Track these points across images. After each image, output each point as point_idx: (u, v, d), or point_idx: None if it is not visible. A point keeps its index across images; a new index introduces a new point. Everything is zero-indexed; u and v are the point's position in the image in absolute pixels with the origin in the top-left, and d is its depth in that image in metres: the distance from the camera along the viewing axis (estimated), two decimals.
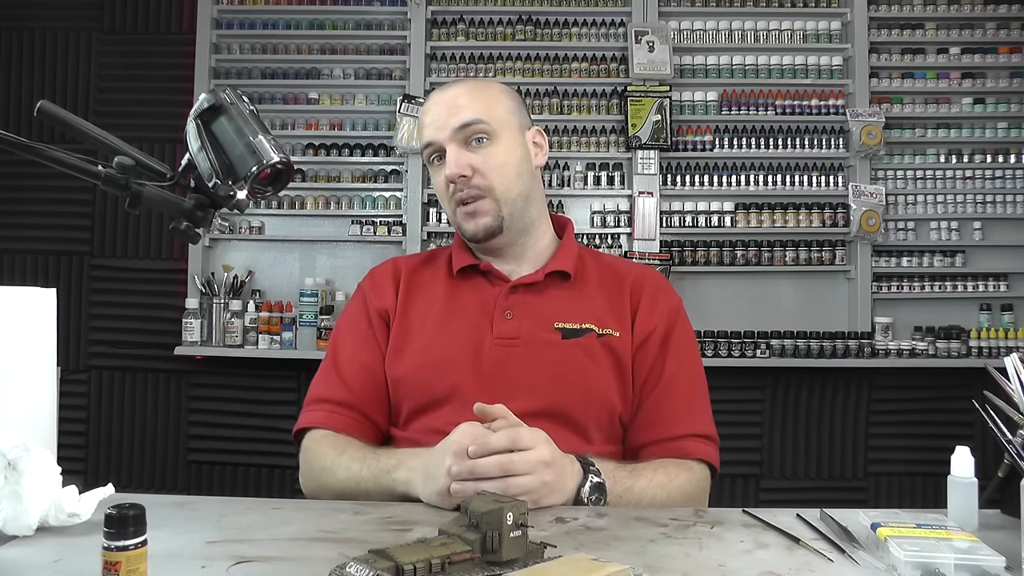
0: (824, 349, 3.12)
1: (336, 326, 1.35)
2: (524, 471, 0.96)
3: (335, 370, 1.25)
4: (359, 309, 1.30)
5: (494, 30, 3.37)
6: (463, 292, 1.26)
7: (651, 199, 3.27)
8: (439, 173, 1.24)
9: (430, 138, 1.24)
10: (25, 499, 0.85)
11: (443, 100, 1.25)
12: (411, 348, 1.22)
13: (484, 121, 1.22)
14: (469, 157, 1.21)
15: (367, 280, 1.33)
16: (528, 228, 1.28)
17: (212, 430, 3.28)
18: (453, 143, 1.21)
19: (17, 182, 3.28)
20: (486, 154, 1.22)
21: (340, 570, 0.70)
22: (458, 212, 1.24)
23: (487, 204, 1.22)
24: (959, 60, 3.36)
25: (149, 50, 3.38)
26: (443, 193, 1.26)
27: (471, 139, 1.22)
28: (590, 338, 1.20)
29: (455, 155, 1.20)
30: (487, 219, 1.22)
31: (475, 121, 1.21)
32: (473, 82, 1.30)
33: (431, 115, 1.24)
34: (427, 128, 1.25)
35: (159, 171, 0.90)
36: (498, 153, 1.22)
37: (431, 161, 1.27)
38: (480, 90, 1.26)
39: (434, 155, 1.25)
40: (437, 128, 1.23)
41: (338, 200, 3.34)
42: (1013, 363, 0.97)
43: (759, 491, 3.24)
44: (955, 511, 0.93)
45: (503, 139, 1.24)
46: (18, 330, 0.96)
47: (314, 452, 1.17)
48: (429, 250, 1.41)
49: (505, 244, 1.26)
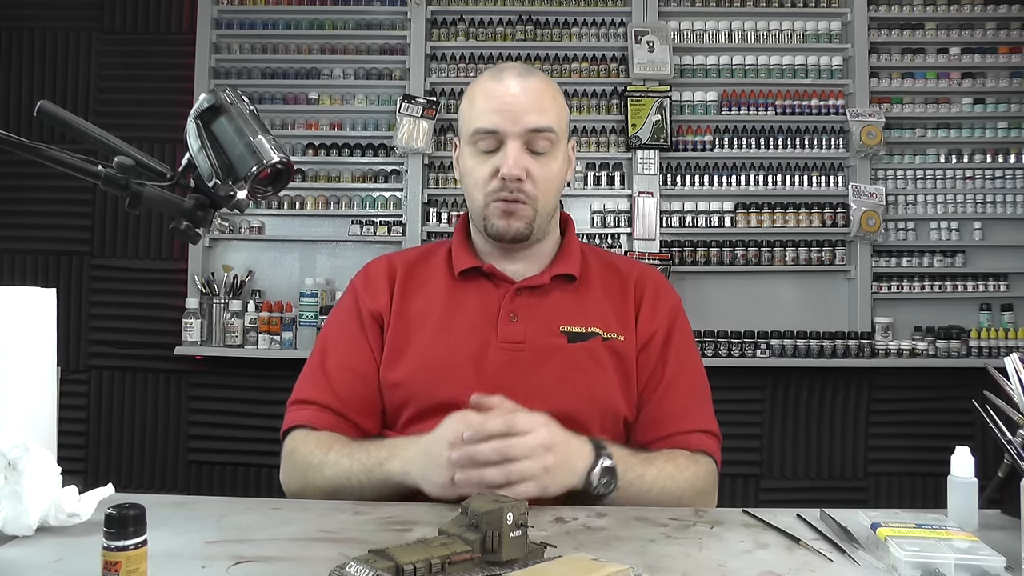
0: (824, 349, 3.12)
1: (326, 324, 1.30)
2: (523, 455, 0.95)
3: (323, 373, 1.21)
4: (350, 308, 1.25)
5: (494, 30, 3.37)
6: (465, 294, 1.23)
7: (651, 199, 3.26)
8: (485, 161, 1.18)
9: (496, 126, 1.16)
10: (25, 499, 0.85)
11: (522, 91, 1.17)
12: (411, 351, 1.19)
13: (555, 132, 1.18)
14: (528, 161, 1.16)
15: (360, 277, 1.29)
16: (544, 233, 1.25)
17: (212, 430, 3.28)
18: (519, 141, 1.16)
19: (17, 182, 3.28)
20: (544, 165, 1.18)
21: (340, 570, 0.70)
22: (492, 207, 1.18)
23: (526, 210, 1.18)
24: (959, 60, 3.36)
25: (149, 50, 3.38)
26: (481, 183, 1.19)
27: (534, 145, 1.17)
28: (595, 342, 1.19)
29: (518, 155, 1.15)
30: (521, 224, 1.18)
31: (549, 129, 1.17)
32: (545, 79, 1.21)
33: (502, 101, 1.17)
34: (491, 112, 1.17)
35: (159, 171, 0.90)
36: (553, 167, 1.20)
37: (475, 143, 1.19)
38: (553, 93, 1.21)
39: (486, 142, 1.18)
40: (508, 119, 1.16)
41: (338, 200, 3.34)
42: (1013, 363, 0.97)
43: (759, 491, 3.24)
44: (955, 511, 0.93)
45: (559, 153, 1.21)
46: (18, 330, 0.96)
47: (299, 452, 1.14)
48: (425, 245, 1.36)
49: (521, 248, 1.24)
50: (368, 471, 1.06)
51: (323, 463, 1.10)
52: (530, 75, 1.20)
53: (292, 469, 1.15)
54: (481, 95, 1.20)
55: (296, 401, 1.21)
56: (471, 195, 1.22)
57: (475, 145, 1.19)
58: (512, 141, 1.16)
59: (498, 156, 1.17)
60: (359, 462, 1.07)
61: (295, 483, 1.15)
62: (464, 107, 1.24)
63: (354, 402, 1.19)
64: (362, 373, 1.21)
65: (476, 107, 1.19)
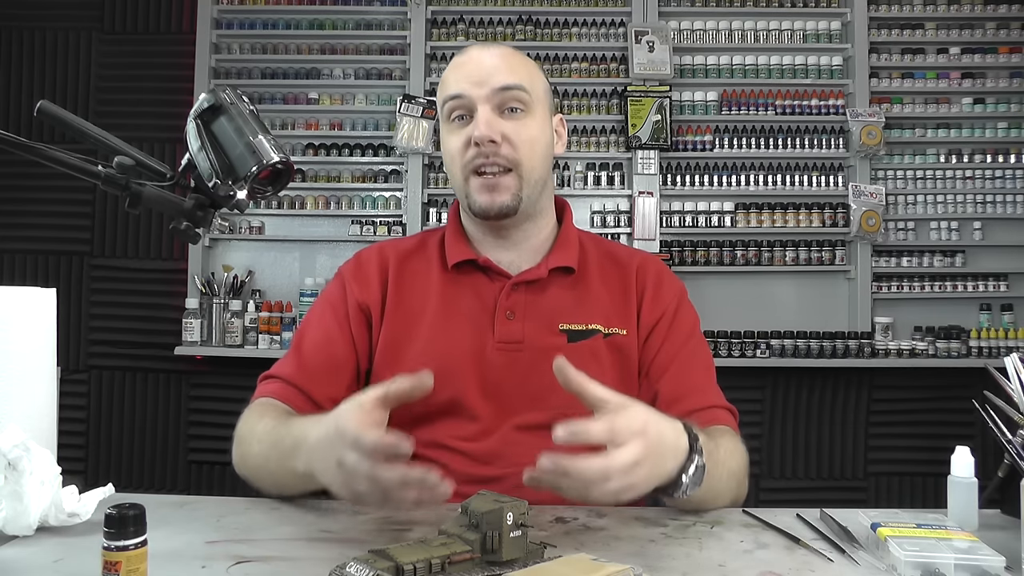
0: (824, 349, 3.12)
1: (311, 308, 1.24)
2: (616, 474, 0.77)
3: (297, 354, 1.17)
4: (337, 295, 1.20)
5: (494, 30, 3.37)
6: (460, 289, 1.17)
7: (651, 199, 3.26)
8: (457, 133, 1.13)
9: (461, 91, 1.11)
10: (25, 499, 0.85)
11: (486, 56, 1.14)
12: (409, 352, 1.14)
13: (526, 90, 1.12)
14: (502, 124, 1.11)
15: (351, 265, 1.23)
16: (536, 215, 1.19)
17: (212, 430, 3.28)
18: (488, 104, 1.11)
19: (17, 182, 3.28)
20: (519, 125, 1.12)
21: (340, 570, 0.70)
22: (472, 181, 1.12)
23: (509, 180, 1.12)
24: (959, 60, 3.36)
25: (149, 50, 3.38)
26: (457, 157, 1.13)
27: (506, 106, 1.12)
28: (596, 340, 1.14)
29: (488, 116, 1.10)
30: (505, 197, 1.12)
31: (517, 87, 1.12)
32: (513, 49, 1.18)
33: (467, 68, 1.13)
34: (458, 81, 1.12)
35: (159, 171, 0.90)
36: (531, 127, 1.13)
37: (450, 118, 1.14)
38: (523, 58, 1.17)
39: (457, 111, 1.13)
40: (473, 82, 1.11)
41: (338, 200, 3.34)
42: (1013, 363, 0.97)
43: (759, 491, 3.24)
44: (955, 511, 0.93)
45: (537, 115, 1.15)
46: (18, 330, 0.96)
47: (241, 421, 1.08)
48: (419, 234, 1.30)
49: (511, 226, 1.17)
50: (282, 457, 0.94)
51: (251, 436, 1.03)
52: (496, 45, 1.18)
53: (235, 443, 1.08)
54: (450, 69, 1.17)
55: (264, 377, 1.17)
56: (451, 172, 1.17)
57: (448, 119, 1.15)
58: (481, 105, 1.11)
59: (471, 125, 1.12)
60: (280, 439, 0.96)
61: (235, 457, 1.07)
62: (439, 90, 1.19)
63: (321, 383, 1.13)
64: (337, 358, 1.16)
65: (446, 81, 1.16)
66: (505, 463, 1.08)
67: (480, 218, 1.16)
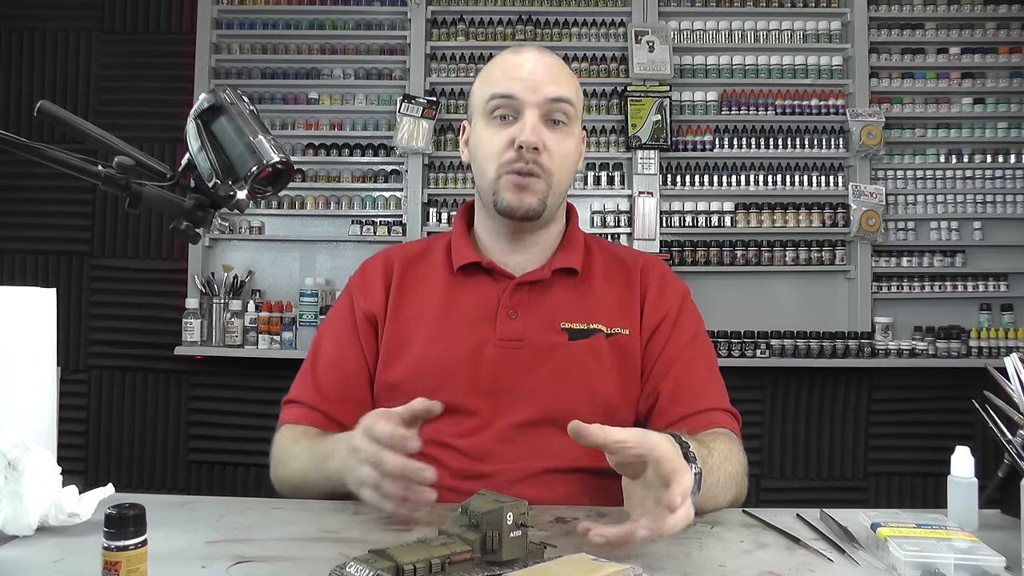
0: (824, 349, 3.12)
1: (321, 324, 1.28)
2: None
3: (312, 373, 1.20)
4: (345, 308, 1.23)
5: (494, 30, 3.37)
6: (463, 290, 1.19)
7: (651, 199, 3.26)
8: (499, 131, 1.15)
9: (514, 92, 1.13)
10: (25, 499, 0.85)
11: (541, 63, 1.16)
12: (407, 352, 1.16)
13: (572, 104, 1.16)
14: (545, 133, 1.13)
15: (357, 277, 1.26)
16: (551, 222, 1.22)
17: (212, 430, 3.28)
18: (537, 110, 1.13)
19: (17, 182, 3.28)
20: (560, 138, 1.15)
21: (340, 570, 0.70)
22: (504, 179, 1.14)
23: (540, 185, 1.14)
24: (959, 60, 3.36)
25: (149, 50, 3.38)
26: (495, 154, 1.14)
27: (551, 116, 1.14)
28: (598, 339, 1.15)
29: (536, 123, 1.12)
30: (533, 200, 1.14)
31: (566, 100, 1.14)
32: (559, 58, 1.20)
33: (521, 70, 1.15)
34: (511, 81, 1.14)
35: (159, 171, 0.90)
36: (570, 143, 1.17)
37: (492, 114, 1.16)
38: (570, 72, 1.20)
39: (502, 110, 1.15)
40: (527, 87, 1.13)
41: (338, 200, 3.34)
42: (1013, 363, 0.97)
43: (759, 491, 3.24)
44: (955, 511, 0.93)
45: (574, 131, 1.18)
46: (18, 330, 0.96)
47: (278, 446, 1.16)
48: (425, 239, 1.33)
49: (528, 230, 1.19)
50: (318, 466, 1.04)
51: (289, 456, 1.11)
52: (549, 53, 1.20)
53: (273, 463, 1.17)
54: (499, 66, 1.18)
55: (286, 401, 1.22)
56: (482, 168, 1.17)
57: (490, 115, 1.16)
58: (530, 110, 1.13)
59: (515, 127, 1.14)
60: (315, 456, 1.05)
61: (274, 477, 1.16)
62: (478, 83, 1.21)
63: (340, 402, 1.17)
64: (350, 373, 1.19)
65: (493, 76, 1.17)
66: (500, 459, 1.09)
67: (504, 216, 1.17)
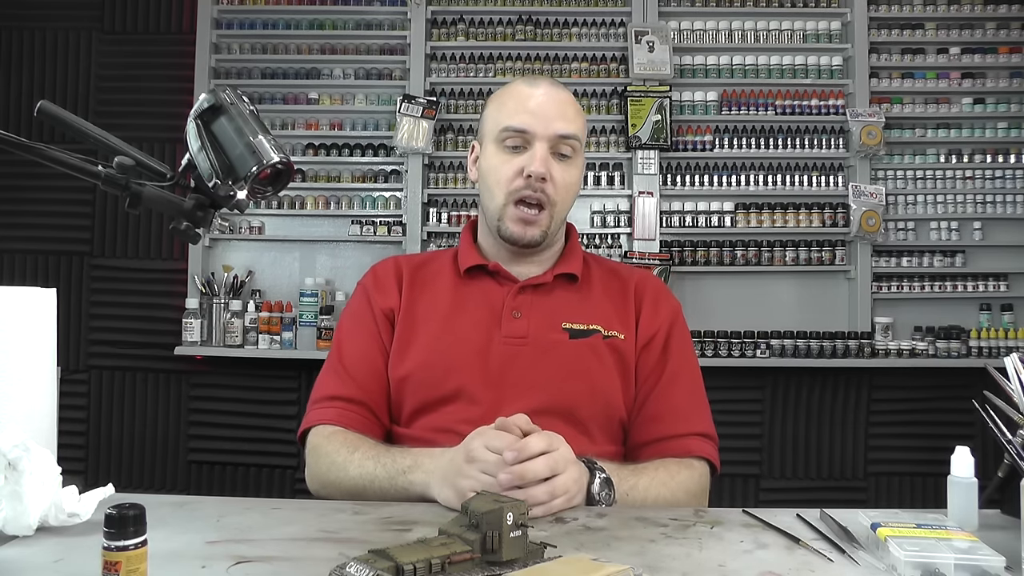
0: (824, 349, 3.12)
1: (339, 323, 1.33)
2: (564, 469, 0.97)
3: (343, 367, 1.24)
4: (363, 306, 1.29)
5: (494, 30, 3.37)
6: (470, 291, 1.27)
7: (651, 199, 3.26)
8: (510, 160, 1.22)
9: (527, 126, 1.21)
10: (25, 499, 0.85)
11: (552, 98, 1.23)
12: (416, 345, 1.22)
13: (579, 140, 1.24)
14: (552, 164, 1.21)
15: (369, 277, 1.32)
16: (553, 243, 1.30)
17: (212, 430, 3.28)
18: (546, 143, 1.21)
19: (17, 182, 3.28)
20: (565, 169, 1.23)
21: (340, 570, 0.70)
22: (511, 210, 1.22)
23: (544, 217, 1.22)
24: (959, 60, 3.36)
25: (149, 50, 3.38)
26: (504, 181, 1.22)
27: (559, 150, 1.22)
28: (596, 339, 1.22)
29: (545, 155, 1.20)
30: (537, 232, 1.22)
31: (574, 137, 1.23)
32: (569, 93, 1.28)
33: (533, 103, 1.22)
34: (524, 114, 1.21)
35: (159, 171, 0.90)
36: (574, 174, 1.25)
37: (503, 143, 1.23)
38: (578, 106, 1.28)
39: (513, 140, 1.22)
40: (540, 120, 1.21)
41: (338, 200, 3.34)
42: (1013, 363, 0.97)
43: (759, 491, 3.24)
44: (955, 511, 0.93)
45: (579, 163, 1.26)
46: (18, 330, 0.96)
47: (324, 449, 1.16)
48: (428, 252, 1.42)
49: (530, 252, 1.27)
50: (392, 478, 1.07)
51: (348, 462, 1.12)
52: (561, 87, 1.27)
53: (316, 466, 1.17)
54: (513, 97, 1.25)
55: (320, 399, 1.23)
56: (491, 193, 1.24)
57: (501, 144, 1.23)
58: (540, 142, 1.20)
59: (524, 156, 1.21)
60: (384, 467, 1.09)
61: (318, 480, 1.17)
62: (491, 110, 1.28)
63: (373, 391, 1.22)
64: (377, 366, 1.24)
65: (506, 107, 1.24)
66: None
67: (507, 243, 1.25)
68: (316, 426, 1.20)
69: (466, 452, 0.99)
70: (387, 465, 1.08)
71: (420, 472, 1.05)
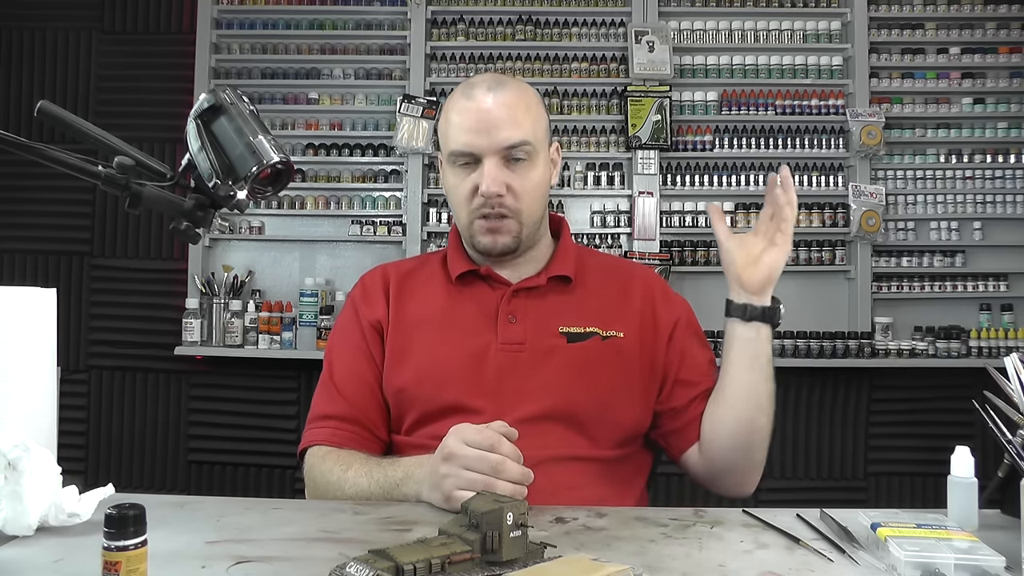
0: (824, 349, 3.12)
1: (329, 339, 1.33)
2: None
3: (333, 384, 1.23)
4: (351, 320, 1.27)
5: (494, 30, 3.37)
6: (463, 297, 1.24)
7: (651, 199, 3.26)
8: (464, 178, 1.18)
9: (468, 146, 1.16)
10: (25, 499, 0.85)
11: (496, 105, 1.16)
12: (412, 357, 1.20)
13: (532, 144, 1.17)
14: (507, 175, 1.16)
15: (357, 289, 1.31)
16: (534, 244, 1.26)
17: (212, 430, 3.28)
18: (495, 157, 1.15)
19: (17, 182, 3.28)
20: (523, 176, 1.18)
21: (340, 570, 0.70)
22: (476, 224, 1.19)
23: (511, 224, 1.18)
24: (959, 60, 3.36)
25: (149, 50, 3.38)
26: (463, 200, 1.19)
27: (512, 157, 1.17)
28: (595, 341, 1.20)
29: (495, 172, 1.15)
30: (507, 239, 1.19)
31: (524, 143, 1.16)
32: (517, 88, 1.20)
33: (473, 118, 1.16)
34: (465, 132, 1.16)
35: (159, 171, 0.90)
36: (534, 176, 1.19)
37: (453, 162, 1.19)
38: (530, 100, 1.20)
39: (462, 159, 1.18)
40: (483, 136, 1.15)
41: (338, 200, 3.34)
42: (1013, 363, 0.97)
43: (759, 491, 3.21)
44: (955, 511, 0.93)
45: (539, 161, 1.20)
46: (18, 330, 0.96)
47: (318, 469, 1.15)
48: (419, 256, 1.40)
49: (510, 258, 1.24)
50: (386, 493, 1.07)
51: (342, 481, 1.11)
52: (502, 87, 1.18)
53: (313, 487, 1.17)
54: (455, 113, 1.19)
55: (313, 419, 1.22)
56: (456, 212, 1.24)
57: (454, 164, 1.20)
58: (489, 158, 1.15)
59: (477, 173, 1.17)
60: (377, 483, 1.08)
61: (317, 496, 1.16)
62: (441, 124, 1.24)
63: (364, 407, 1.21)
64: (368, 381, 1.23)
65: (452, 125, 1.19)
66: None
67: (482, 255, 1.24)
68: (311, 447, 1.20)
69: (443, 452, 0.98)
70: (380, 481, 1.08)
71: (412, 483, 1.04)
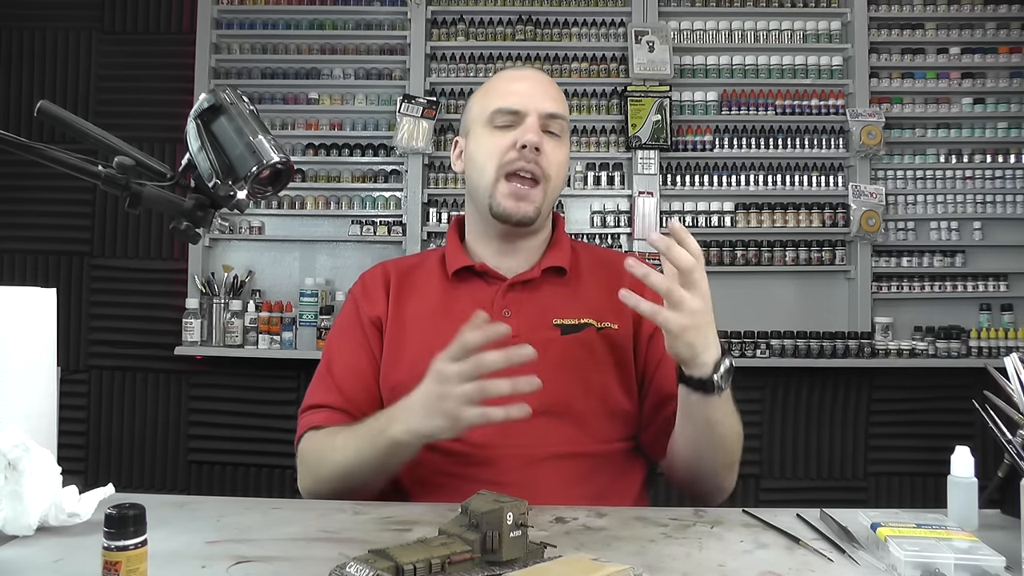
0: (824, 349, 3.12)
1: (330, 334, 1.33)
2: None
3: (330, 377, 1.24)
4: (351, 316, 1.28)
5: (494, 30, 3.37)
6: (459, 293, 1.25)
7: (651, 199, 3.26)
8: (501, 136, 1.22)
9: (518, 106, 1.22)
10: (25, 499, 0.85)
11: (539, 81, 1.26)
12: (407, 353, 1.21)
13: (565, 121, 1.25)
14: (544, 138, 1.22)
15: (358, 286, 1.32)
16: (541, 228, 1.29)
17: (212, 430, 3.28)
18: (537, 119, 1.21)
19: (17, 182, 3.28)
20: (556, 148, 1.24)
21: (340, 570, 0.70)
22: (503, 186, 1.21)
23: (537, 193, 1.22)
24: (959, 60, 3.36)
25: (149, 50, 3.38)
26: (497, 156, 1.21)
27: (548, 129, 1.23)
28: (589, 333, 1.21)
29: (537, 127, 1.20)
30: (530, 208, 1.21)
31: (562, 116, 1.24)
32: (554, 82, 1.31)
33: (523, 84, 1.24)
34: (513, 93, 1.23)
35: (159, 171, 0.90)
36: (564, 152, 1.26)
37: (492, 121, 1.23)
38: (563, 94, 1.30)
39: (504, 119, 1.22)
40: (530, 99, 1.22)
41: (338, 200, 3.34)
42: (1013, 363, 0.97)
43: (759, 491, 3.24)
44: (955, 511, 0.93)
45: (566, 145, 1.27)
46: (18, 330, 0.96)
47: (308, 449, 1.16)
48: (419, 253, 1.40)
49: (520, 235, 1.26)
50: (373, 441, 1.05)
51: (332, 449, 1.11)
52: (545, 75, 1.30)
53: (304, 468, 1.17)
54: (500, 82, 1.27)
55: (307, 408, 1.23)
56: (482, 170, 1.23)
57: (491, 125, 1.23)
58: (531, 117, 1.21)
59: (516, 131, 1.21)
60: (362, 437, 1.07)
61: (309, 480, 1.16)
62: (476, 100, 1.29)
63: (360, 401, 1.21)
64: (367, 375, 1.23)
65: (494, 92, 1.25)
66: (501, 447, 1.13)
67: (499, 221, 1.23)
68: (306, 432, 1.20)
69: (436, 376, 0.98)
70: (364, 434, 1.07)
71: (397, 423, 1.02)
